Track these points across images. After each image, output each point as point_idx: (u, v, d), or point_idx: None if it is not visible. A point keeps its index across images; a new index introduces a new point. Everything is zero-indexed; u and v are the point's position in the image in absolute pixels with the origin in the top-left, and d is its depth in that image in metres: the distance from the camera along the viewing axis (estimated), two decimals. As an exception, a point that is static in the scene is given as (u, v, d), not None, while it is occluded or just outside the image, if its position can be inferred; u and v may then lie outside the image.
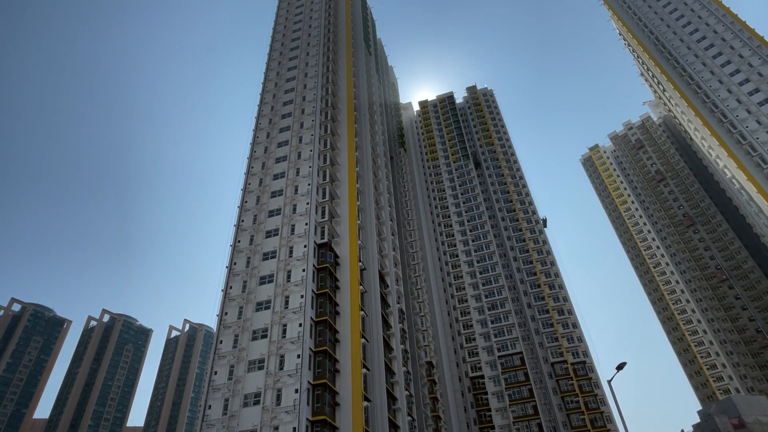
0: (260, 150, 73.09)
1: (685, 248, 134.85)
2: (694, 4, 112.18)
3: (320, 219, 60.68)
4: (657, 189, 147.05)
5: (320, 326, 50.00)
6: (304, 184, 64.45)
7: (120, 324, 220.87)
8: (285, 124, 75.72)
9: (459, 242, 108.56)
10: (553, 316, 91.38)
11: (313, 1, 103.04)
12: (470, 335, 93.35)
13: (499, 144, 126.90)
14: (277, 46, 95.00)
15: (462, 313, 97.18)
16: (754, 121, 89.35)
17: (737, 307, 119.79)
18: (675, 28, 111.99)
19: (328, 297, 52.67)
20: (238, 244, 60.33)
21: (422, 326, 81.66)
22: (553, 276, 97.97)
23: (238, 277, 56.54)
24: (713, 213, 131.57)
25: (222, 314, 53.39)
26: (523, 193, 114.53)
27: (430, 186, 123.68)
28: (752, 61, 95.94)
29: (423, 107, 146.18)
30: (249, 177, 69.21)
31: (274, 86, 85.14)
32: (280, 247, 57.67)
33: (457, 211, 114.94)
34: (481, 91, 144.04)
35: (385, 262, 69.17)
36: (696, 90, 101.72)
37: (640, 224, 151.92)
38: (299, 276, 53.62)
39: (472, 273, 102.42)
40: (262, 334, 50.08)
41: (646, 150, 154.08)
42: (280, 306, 51.69)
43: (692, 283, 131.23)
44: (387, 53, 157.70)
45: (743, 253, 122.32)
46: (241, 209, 64.68)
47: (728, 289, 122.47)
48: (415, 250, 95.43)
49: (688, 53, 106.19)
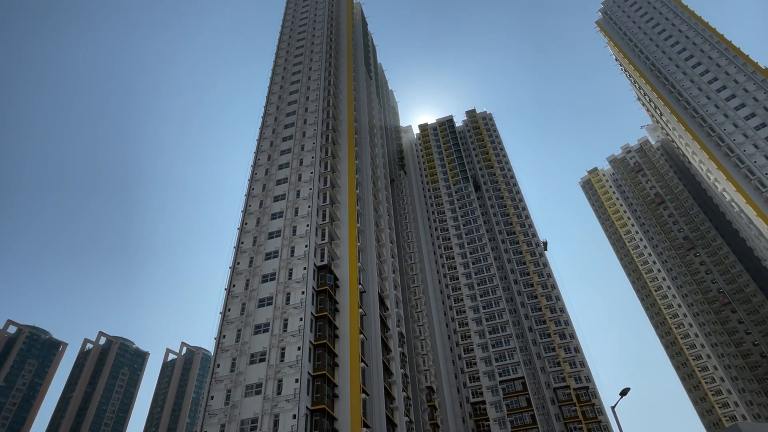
0: (261, 172, 73.47)
1: (687, 271, 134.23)
2: (689, 31, 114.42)
3: (320, 241, 60.55)
4: (657, 212, 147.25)
5: (319, 350, 49.36)
6: (305, 206, 64.55)
7: (116, 347, 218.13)
8: (286, 147, 76.32)
9: (459, 265, 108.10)
10: (554, 340, 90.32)
11: (315, 27, 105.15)
12: (471, 359, 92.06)
13: (499, 167, 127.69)
14: (280, 70, 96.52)
15: (462, 336, 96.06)
16: (751, 144, 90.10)
17: (740, 331, 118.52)
18: (670, 54, 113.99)
19: (328, 320, 52.15)
20: (238, 266, 60.05)
21: (422, 350, 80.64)
22: (554, 299, 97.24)
23: (237, 300, 56.10)
24: (713, 236, 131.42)
25: (220, 337, 52.75)
26: (523, 216, 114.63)
27: (431, 208, 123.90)
28: (747, 87, 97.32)
29: (423, 130, 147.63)
30: (249, 199, 69.36)
31: (275, 109, 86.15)
32: (280, 269, 57.38)
33: (457, 233, 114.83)
34: (480, 115, 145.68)
35: (384, 285, 68.74)
36: (693, 114, 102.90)
37: (641, 247, 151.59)
38: (298, 298, 53.20)
39: (472, 296, 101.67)
40: (260, 358, 49.38)
41: (645, 173, 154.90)
42: (279, 329, 51.12)
43: (694, 307, 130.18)
44: (387, 77, 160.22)
45: (744, 276, 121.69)
46: (241, 231, 64.61)
47: (731, 312, 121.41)
48: (415, 273, 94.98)
49: (683, 78, 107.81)
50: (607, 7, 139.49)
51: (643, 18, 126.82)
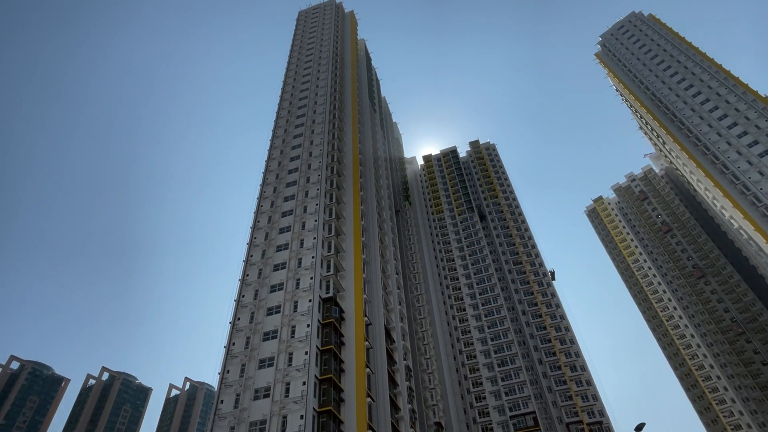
0: (267, 204, 73.95)
1: (698, 300, 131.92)
2: (687, 62, 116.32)
3: (325, 273, 60.25)
4: (664, 240, 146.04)
5: (324, 384, 48.38)
6: (310, 237, 64.60)
7: (119, 382, 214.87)
8: (292, 179, 77.05)
9: (466, 296, 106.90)
10: (565, 372, 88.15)
11: (321, 62, 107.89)
12: (480, 393, 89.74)
13: (504, 197, 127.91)
14: (286, 104, 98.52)
15: (471, 369, 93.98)
16: (756, 171, 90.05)
17: (757, 362, 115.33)
18: (670, 84, 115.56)
19: (333, 353, 51.30)
20: (242, 299, 59.66)
21: (430, 384, 78.83)
22: (564, 330, 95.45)
23: (242, 333, 55.48)
24: (723, 264, 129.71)
25: (224, 372, 51.92)
26: (530, 245, 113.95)
27: (436, 239, 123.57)
28: (748, 115, 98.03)
29: (427, 161, 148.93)
30: (255, 231, 69.58)
31: (281, 142, 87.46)
32: (285, 301, 56.94)
33: (463, 263, 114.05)
34: (484, 146, 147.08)
35: (391, 317, 67.91)
36: (695, 142, 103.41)
37: (650, 276, 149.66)
38: (303, 332, 52.53)
39: (480, 327, 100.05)
40: (265, 394, 48.41)
41: (651, 201, 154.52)
42: (284, 363, 50.30)
43: (708, 337, 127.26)
44: (391, 110, 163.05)
45: (758, 305, 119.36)
46: (246, 263, 64.52)
47: (746, 342, 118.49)
48: (422, 304, 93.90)
49: (684, 107, 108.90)
50: (605, 39, 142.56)
51: (641, 50, 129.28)
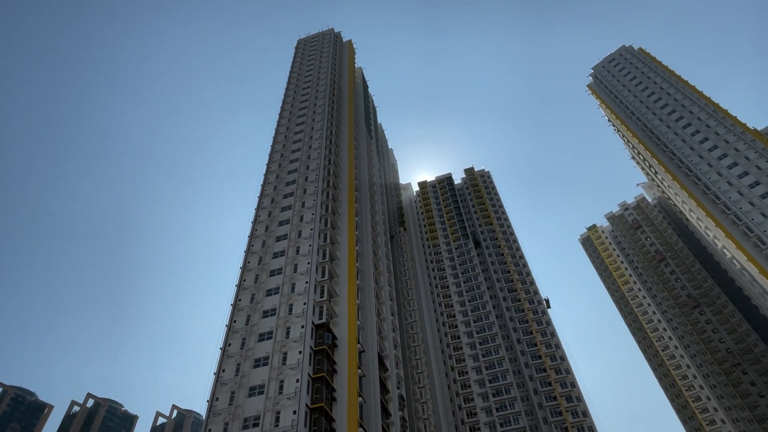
0: (261, 228, 73.70)
1: (693, 330, 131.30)
2: (677, 94, 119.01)
3: (319, 298, 59.65)
4: (658, 269, 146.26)
5: (315, 414, 47.23)
6: (304, 262, 64.17)
7: (104, 410, 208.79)
8: (287, 204, 77.05)
9: (460, 323, 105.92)
10: (561, 403, 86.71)
11: (319, 88, 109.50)
12: (474, 424, 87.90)
13: (498, 224, 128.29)
14: (283, 129, 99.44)
15: (465, 399, 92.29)
16: (747, 202, 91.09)
17: (754, 394, 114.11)
18: (661, 115, 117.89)
19: (325, 382, 50.30)
20: (234, 324, 58.76)
21: (423, 414, 77.18)
22: (559, 360, 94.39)
23: (232, 360, 54.39)
24: (717, 294, 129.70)
25: (212, 400, 50.65)
26: (524, 273, 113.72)
27: (431, 265, 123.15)
28: (738, 146, 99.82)
29: (422, 188, 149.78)
30: (249, 255, 69.09)
31: (277, 167, 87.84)
32: (277, 327, 56.12)
33: (457, 290, 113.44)
34: (479, 173, 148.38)
35: (384, 344, 66.96)
36: (687, 172, 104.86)
37: (644, 305, 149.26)
38: (295, 359, 51.59)
39: (474, 356, 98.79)
40: (254, 423, 47.14)
41: (644, 230, 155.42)
42: (275, 391, 49.19)
43: (704, 368, 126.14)
44: (387, 136, 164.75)
45: (753, 335, 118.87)
46: (239, 288, 63.81)
47: (742, 374, 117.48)
48: (416, 331, 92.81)
49: (675, 138, 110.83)
50: (597, 71, 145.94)
51: (631, 82, 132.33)
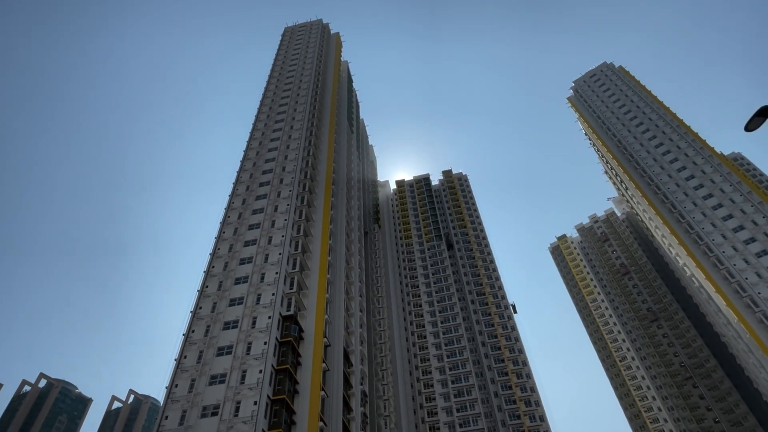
0: (234, 215, 72.54)
1: (650, 343, 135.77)
2: (652, 114, 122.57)
3: (288, 290, 59.19)
4: (622, 282, 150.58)
5: (276, 406, 46.88)
6: (275, 253, 63.52)
7: (57, 391, 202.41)
8: (262, 192, 76.05)
9: (428, 323, 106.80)
10: (520, 407, 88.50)
11: (303, 78, 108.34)
12: (434, 424, 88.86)
13: (472, 227, 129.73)
14: (263, 117, 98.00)
15: (427, 398, 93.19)
16: (710, 223, 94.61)
17: (702, 407, 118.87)
18: (635, 133, 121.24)
19: (288, 374, 49.95)
20: (199, 310, 57.75)
21: (385, 411, 77.59)
22: (521, 364, 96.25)
23: (195, 347, 53.45)
24: (675, 309, 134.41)
25: (171, 386, 49.65)
26: (494, 278, 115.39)
27: (402, 264, 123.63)
28: (705, 169, 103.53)
29: (400, 186, 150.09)
30: (219, 242, 67.94)
31: (255, 154, 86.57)
32: (244, 316, 55.42)
33: (427, 290, 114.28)
34: (456, 176, 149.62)
35: (351, 340, 66.96)
36: (655, 191, 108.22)
37: (606, 316, 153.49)
38: (260, 349, 51.07)
39: (439, 356, 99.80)
40: (213, 412, 46.45)
41: (611, 243, 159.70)
42: (236, 381, 48.57)
43: (658, 380, 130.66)
44: (368, 133, 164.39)
45: (705, 351, 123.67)
46: (207, 274, 62.73)
47: (693, 387, 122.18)
48: (383, 329, 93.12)
49: (647, 157, 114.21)
50: (578, 85, 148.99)
51: (610, 98, 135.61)
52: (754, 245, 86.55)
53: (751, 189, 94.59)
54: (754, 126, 13.81)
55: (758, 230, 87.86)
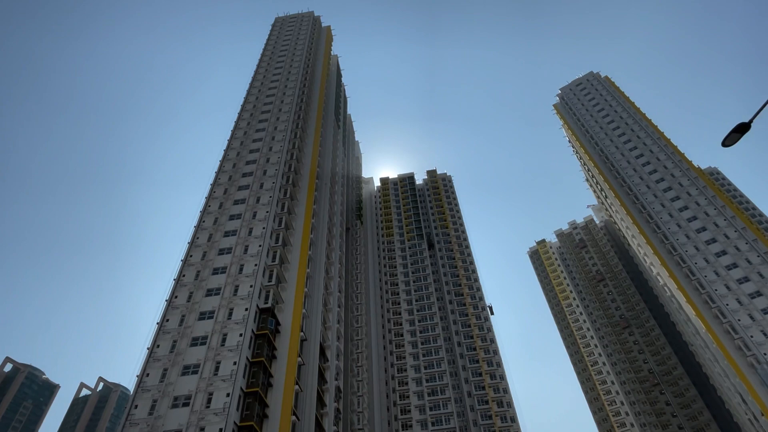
0: (215, 205, 71.64)
1: (621, 349, 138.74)
2: (634, 125, 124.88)
3: (266, 282, 58.75)
4: (597, 288, 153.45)
5: (249, 398, 46.54)
6: (255, 244, 62.97)
7: (23, 375, 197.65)
8: (245, 183, 75.25)
9: (405, 321, 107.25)
10: (492, 407, 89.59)
11: (291, 70, 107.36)
12: (407, 421, 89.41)
13: (453, 228, 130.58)
14: (249, 107, 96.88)
15: (401, 396, 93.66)
16: (684, 235, 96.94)
17: (668, 413, 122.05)
18: (617, 143, 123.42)
19: (263, 367, 49.63)
20: (175, 299, 56.93)
21: (358, 407, 77.70)
22: (495, 365, 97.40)
23: (169, 336, 52.69)
24: (647, 317, 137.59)
25: (143, 375, 48.89)
26: (472, 279, 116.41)
27: (383, 261, 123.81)
28: (682, 181, 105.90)
29: (384, 184, 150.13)
30: (199, 231, 67.05)
31: (239, 144, 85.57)
32: (220, 307, 54.84)
33: (406, 289, 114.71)
34: (441, 176, 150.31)
35: (327, 335, 66.82)
36: (634, 200, 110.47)
37: (580, 321, 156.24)
38: (235, 341, 50.61)
39: (415, 354, 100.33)
40: (184, 402, 45.89)
41: (589, 250, 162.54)
42: (210, 372, 48.06)
43: (627, 385, 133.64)
44: (355, 128, 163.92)
45: (673, 359, 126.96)
46: (185, 263, 61.87)
47: (659, 394, 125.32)
48: (360, 325, 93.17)
49: (627, 167, 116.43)
50: (564, 93, 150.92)
51: (595, 107, 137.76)
52: (724, 258, 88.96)
53: (725, 204, 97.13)
54: (731, 142, 14.18)
55: (730, 244, 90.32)
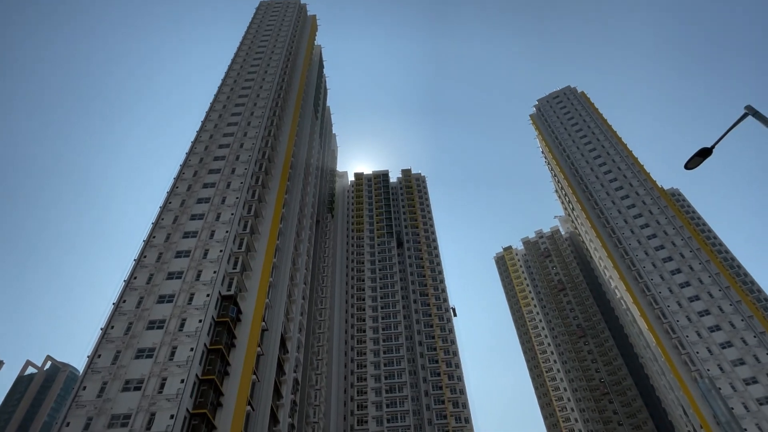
0: (183, 186, 69.90)
1: (576, 358, 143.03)
2: (605, 142, 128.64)
3: (231, 269, 57.79)
4: (557, 297, 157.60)
5: (204, 386, 45.72)
6: (222, 230, 61.81)
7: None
8: (216, 167, 73.69)
9: (368, 317, 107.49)
10: (447, 407, 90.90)
11: (273, 56, 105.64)
12: (363, 417, 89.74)
13: (423, 228, 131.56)
14: (226, 90, 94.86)
15: (359, 392, 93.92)
16: (643, 251, 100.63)
17: (614, 422, 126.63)
18: (588, 158, 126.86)
19: (221, 354, 48.82)
20: (134, 280, 55.31)
21: (315, 401, 77.46)
22: (454, 366, 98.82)
23: (125, 318, 51.18)
24: (602, 328, 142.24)
25: (94, 356, 47.33)
26: (438, 279, 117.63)
27: (351, 256, 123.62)
28: (645, 200, 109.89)
29: (358, 179, 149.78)
30: (164, 212, 65.29)
31: (213, 126, 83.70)
32: (181, 291, 53.61)
33: (372, 285, 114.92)
34: (415, 176, 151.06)
35: (290, 326, 66.28)
36: (599, 215, 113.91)
37: (539, 328, 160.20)
38: (194, 327, 49.59)
39: (376, 351, 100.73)
40: (136, 386, 44.70)
41: (553, 259, 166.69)
42: (165, 356, 46.95)
43: (578, 393, 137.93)
44: (333, 121, 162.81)
45: (624, 370, 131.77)
46: (147, 244, 60.16)
47: (608, 403, 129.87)
48: (323, 319, 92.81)
49: (595, 182, 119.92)
50: (541, 104, 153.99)
51: (569, 121, 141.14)
52: (678, 276, 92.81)
53: (683, 224, 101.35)
54: (693, 165, 14.76)
55: (684, 263, 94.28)
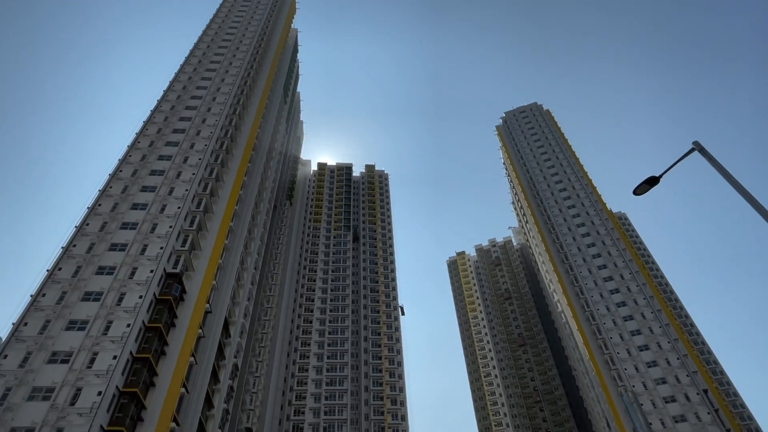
0: (137, 156, 66.96)
1: (514, 365, 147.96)
2: (564, 161, 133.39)
3: (179, 247, 55.92)
4: (503, 306, 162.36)
5: (138, 364, 44.04)
6: (174, 205, 59.68)
7: None
8: (175, 139, 71.03)
9: (316, 309, 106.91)
10: (385, 404, 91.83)
11: (246, 33, 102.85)
12: (300, 407, 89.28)
13: (381, 225, 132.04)
14: (194, 61, 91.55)
15: (299, 382, 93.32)
16: (587, 269, 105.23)
17: (543, 429, 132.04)
18: (546, 174, 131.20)
19: (159, 333, 47.17)
20: (72, 249, 52.50)
21: (253, 388, 76.29)
22: (396, 364, 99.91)
23: (58, 286, 48.50)
24: (542, 339, 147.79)
25: (20, 324, 44.62)
26: (390, 278, 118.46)
27: (305, 246, 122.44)
28: (594, 220, 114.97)
29: (321, 169, 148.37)
30: (114, 180, 62.32)
31: (176, 97, 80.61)
32: (123, 264, 51.37)
33: (324, 277, 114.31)
34: (378, 172, 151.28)
35: (235, 310, 64.90)
36: (550, 230, 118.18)
37: (482, 333, 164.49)
38: (133, 302, 47.66)
39: (320, 343, 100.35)
40: (63, 359, 42.50)
41: (502, 268, 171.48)
42: (99, 330, 44.88)
43: (512, 399, 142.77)
44: (302, 108, 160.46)
45: (557, 380, 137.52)
46: (91, 211, 57.23)
47: (539, 411, 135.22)
48: (270, 306, 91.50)
49: (550, 198, 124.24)
50: (508, 117, 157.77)
51: (532, 137, 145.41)
52: (616, 296, 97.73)
53: (626, 247, 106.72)
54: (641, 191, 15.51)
55: (623, 284, 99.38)
